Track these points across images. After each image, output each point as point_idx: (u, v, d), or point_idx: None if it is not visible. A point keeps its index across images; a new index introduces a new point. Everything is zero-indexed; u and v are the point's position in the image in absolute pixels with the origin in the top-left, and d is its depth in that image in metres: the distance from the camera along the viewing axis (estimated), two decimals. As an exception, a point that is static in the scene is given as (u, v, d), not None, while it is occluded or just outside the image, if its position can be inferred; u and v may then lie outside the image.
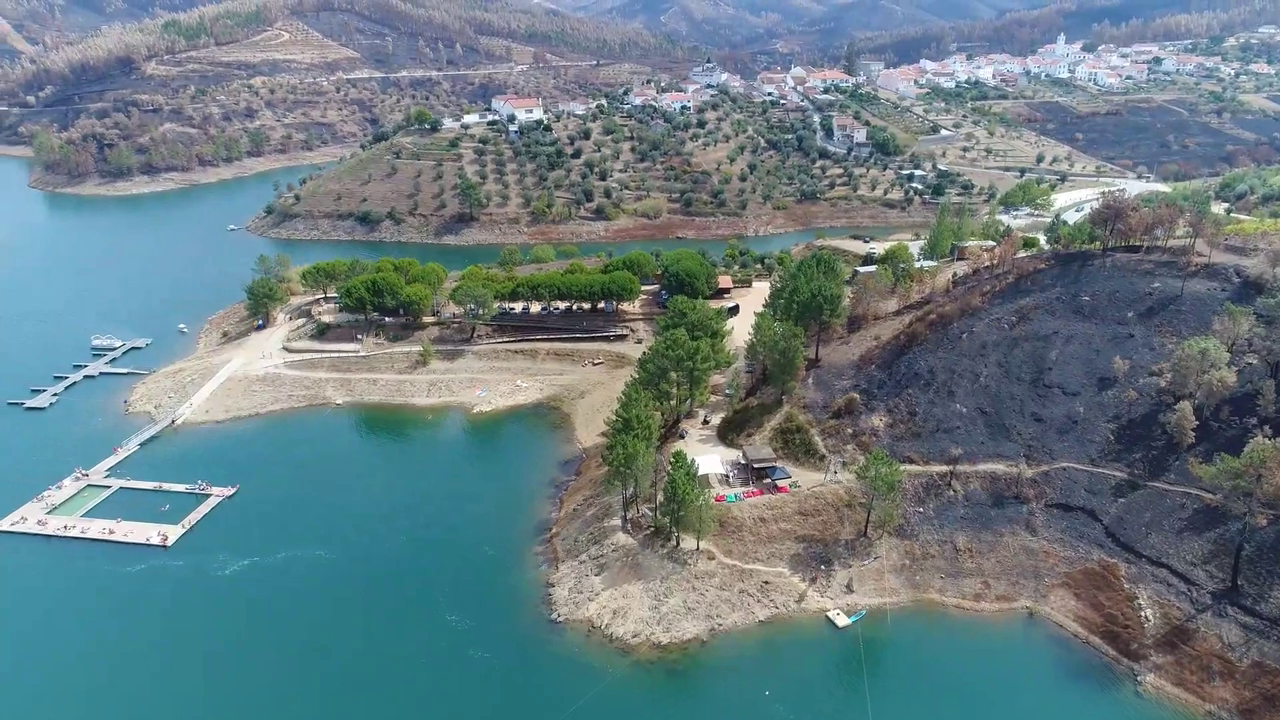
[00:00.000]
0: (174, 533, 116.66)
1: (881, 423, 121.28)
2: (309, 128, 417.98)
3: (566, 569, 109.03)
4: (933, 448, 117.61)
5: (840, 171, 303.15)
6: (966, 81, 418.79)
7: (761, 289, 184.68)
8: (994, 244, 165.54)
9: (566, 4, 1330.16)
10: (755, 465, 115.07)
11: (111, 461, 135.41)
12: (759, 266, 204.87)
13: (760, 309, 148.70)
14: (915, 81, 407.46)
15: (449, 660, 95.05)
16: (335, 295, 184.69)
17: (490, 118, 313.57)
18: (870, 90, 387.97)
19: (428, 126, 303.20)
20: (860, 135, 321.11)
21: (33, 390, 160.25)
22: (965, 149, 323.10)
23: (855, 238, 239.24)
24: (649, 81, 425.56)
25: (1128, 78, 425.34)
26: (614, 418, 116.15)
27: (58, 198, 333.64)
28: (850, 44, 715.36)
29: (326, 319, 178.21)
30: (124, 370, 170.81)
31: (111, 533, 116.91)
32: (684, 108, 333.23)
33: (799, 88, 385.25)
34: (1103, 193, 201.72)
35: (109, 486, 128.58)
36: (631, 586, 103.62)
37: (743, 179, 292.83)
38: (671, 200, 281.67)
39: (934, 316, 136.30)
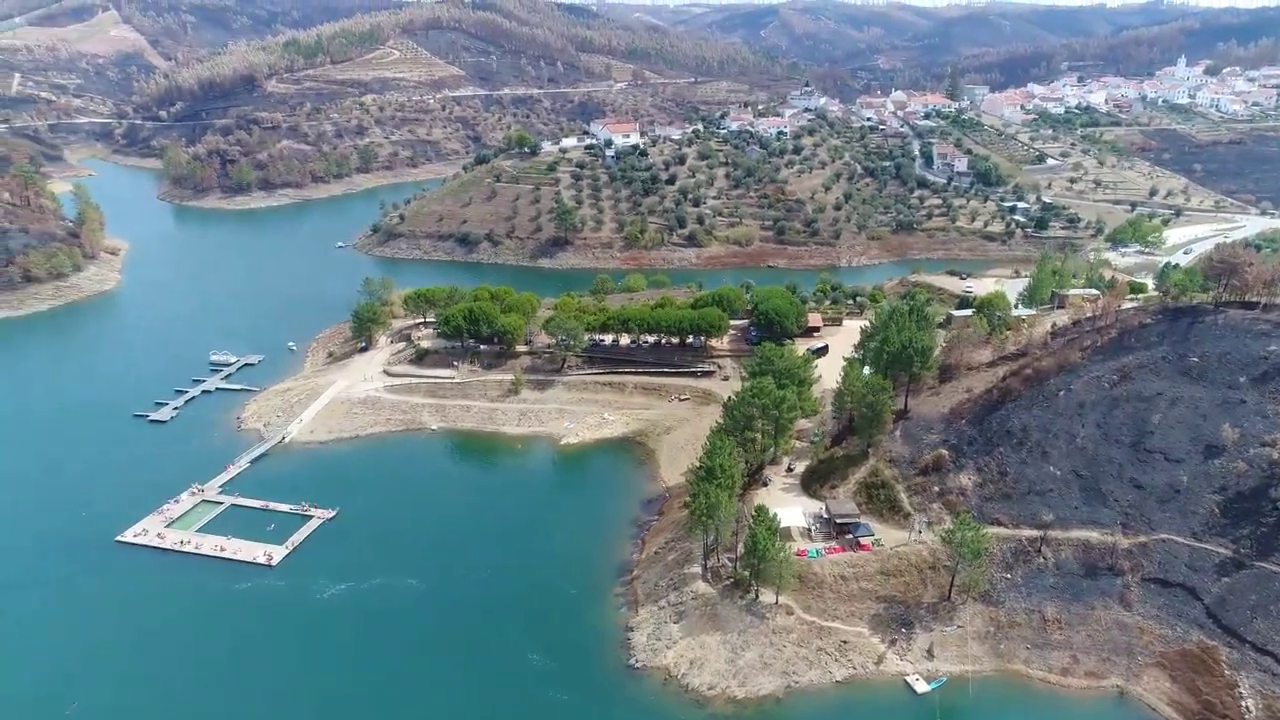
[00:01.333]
0: (278, 553, 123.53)
1: (970, 481, 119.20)
2: (415, 145, 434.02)
3: (646, 613, 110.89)
4: (1023, 511, 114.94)
5: (939, 202, 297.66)
6: (1076, 107, 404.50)
7: (852, 328, 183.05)
8: (1097, 294, 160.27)
9: (667, 17, 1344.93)
10: (838, 520, 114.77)
11: (224, 478, 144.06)
12: (850, 303, 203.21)
13: (849, 354, 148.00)
14: (1021, 107, 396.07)
15: (530, 701, 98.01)
16: (434, 320, 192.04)
17: (588, 142, 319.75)
18: (973, 116, 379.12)
19: (527, 150, 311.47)
20: (961, 164, 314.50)
21: (156, 403, 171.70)
22: (1072, 180, 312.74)
23: (951, 273, 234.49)
24: (746, 104, 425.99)
25: (1254, 104, 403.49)
26: (698, 463, 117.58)
27: (183, 210, 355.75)
28: (954, 64, 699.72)
29: (425, 344, 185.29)
30: (238, 386, 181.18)
31: (222, 550, 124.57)
32: (780, 133, 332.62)
33: (899, 113, 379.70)
34: (1217, 245, 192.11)
35: (221, 503, 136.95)
36: (709, 637, 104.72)
37: (837, 208, 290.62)
38: (764, 228, 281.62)
39: (1030, 371, 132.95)
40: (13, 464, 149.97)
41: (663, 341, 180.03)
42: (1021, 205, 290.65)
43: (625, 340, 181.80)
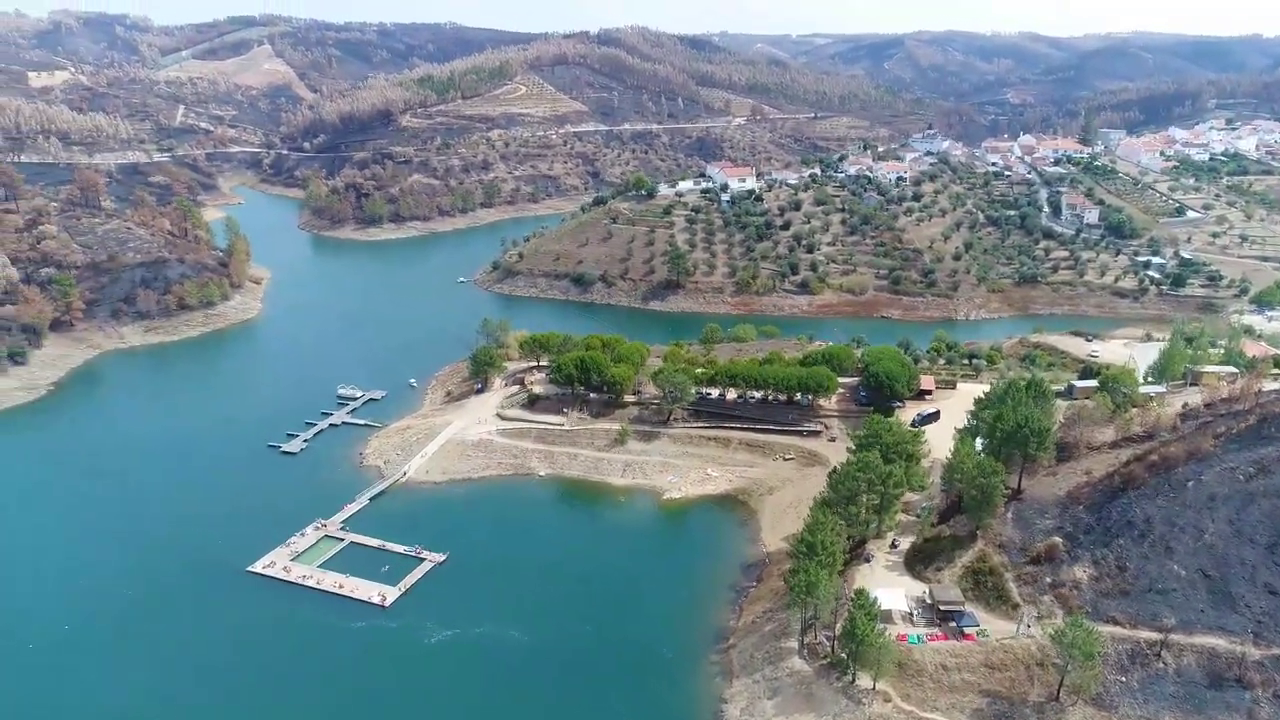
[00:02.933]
0: (391, 594, 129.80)
1: (1085, 574, 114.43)
2: (536, 180, 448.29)
3: (740, 686, 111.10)
4: (1142, 610, 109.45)
5: (1066, 254, 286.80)
6: (1223, 154, 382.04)
7: (966, 393, 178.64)
8: (1235, 372, 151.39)
9: (789, 47, 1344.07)
10: (942, 607, 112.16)
11: (345, 514, 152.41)
12: (965, 364, 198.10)
13: (961, 423, 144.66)
14: (1161, 153, 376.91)
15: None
16: (547, 365, 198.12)
17: (704, 185, 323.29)
18: (1107, 163, 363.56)
19: (644, 193, 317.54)
20: (1092, 215, 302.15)
21: (288, 434, 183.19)
22: (1215, 234, 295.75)
23: (1076, 334, 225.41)
24: (866, 145, 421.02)
25: None
26: (798, 535, 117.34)
27: (320, 240, 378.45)
28: (1090, 100, 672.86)
29: (537, 389, 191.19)
30: (361, 422, 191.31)
31: (341, 587, 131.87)
32: (899, 179, 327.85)
33: (1026, 158, 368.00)
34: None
35: (342, 539, 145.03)
36: (803, 717, 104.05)
37: (957, 258, 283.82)
38: (879, 277, 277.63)
39: (1156, 457, 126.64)
40: (159, 487, 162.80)
41: (770, 398, 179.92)
42: (1157, 260, 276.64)
43: (732, 394, 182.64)
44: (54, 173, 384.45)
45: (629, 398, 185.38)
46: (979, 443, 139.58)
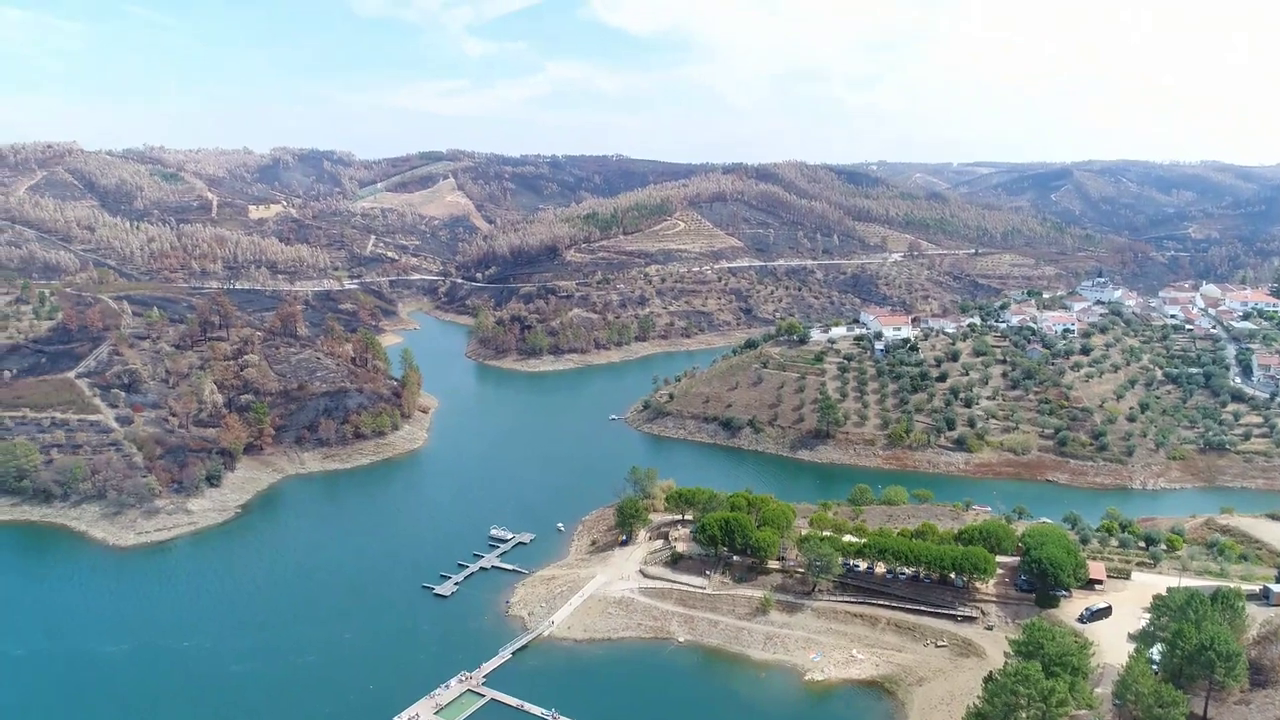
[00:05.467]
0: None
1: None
2: (690, 315, 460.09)
3: None
4: None
5: (1259, 420, 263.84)
6: None
7: (1142, 584, 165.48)
8: None
9: (950, 177, 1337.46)
10: None
11: (489, 667, 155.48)
12: (1141, 548, 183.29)
13: (1135, 632, 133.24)
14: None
15: None
16: (692, 519, 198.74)
17: (857, 332, 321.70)
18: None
19: (796, 338, 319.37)
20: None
21: (441, 575, 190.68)
22: None
23: (1275, 517, 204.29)
24: (1029, 293, 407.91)
25: None
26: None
27: (484, 369, 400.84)
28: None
29: (680, 547, 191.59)
30: (510, 566, 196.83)
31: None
32: (1066, 330, 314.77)
33: (1210, 310, 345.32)
34: None
35: (484, 695, 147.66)
36: None
37: (1131, 419, 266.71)
38: (1043, 436, 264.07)
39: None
40: (320, 622, 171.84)
41: (921, 575, 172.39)
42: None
43: (881, 568, 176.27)
44: (260, 299, 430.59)
45: (773, 563, 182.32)
46: (1156, 651, 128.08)
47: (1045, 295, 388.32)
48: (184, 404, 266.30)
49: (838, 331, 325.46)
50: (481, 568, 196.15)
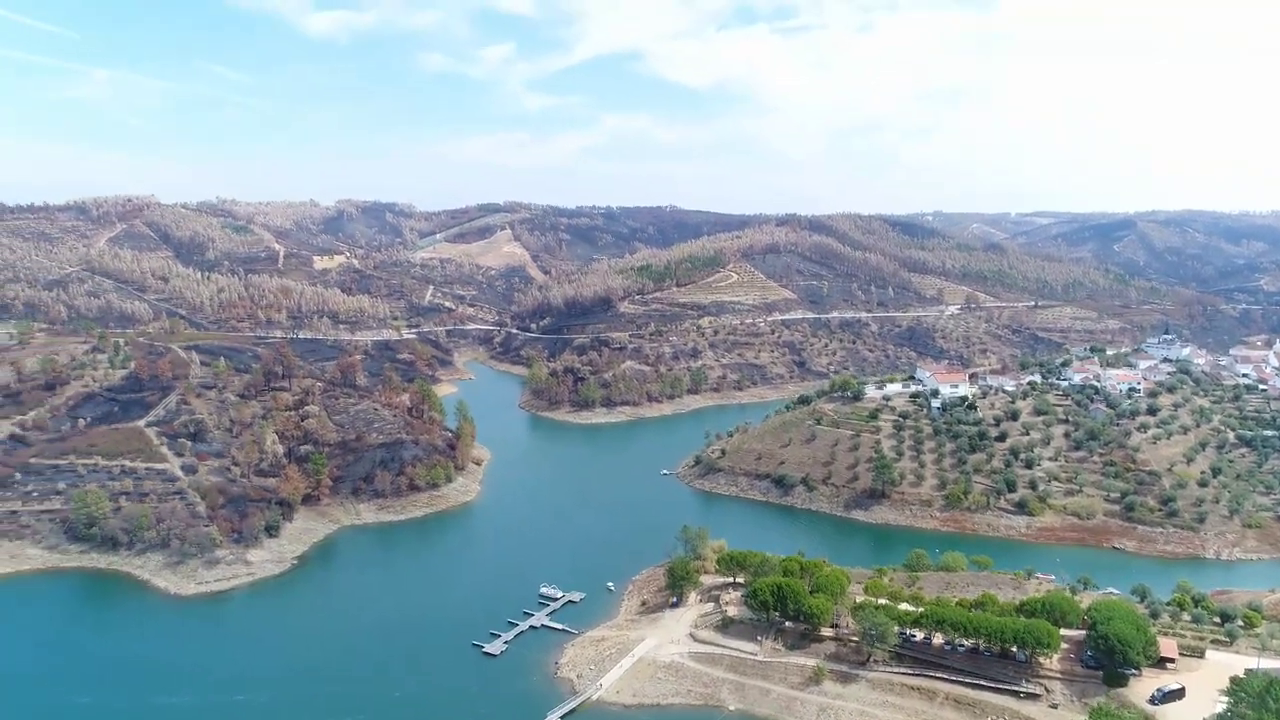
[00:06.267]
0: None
1: None
2: (742, 368, 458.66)
3: None
4: None
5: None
6: None
7: (1218, 664, 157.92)
8: None
9: (1008, 227, 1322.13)
10: None
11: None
12: (1216, 625, 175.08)
13: (1209, 711, 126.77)
14: None
15: None
16: (743, 583, 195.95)
17: (913, 388, 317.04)
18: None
19: (850, 394, 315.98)
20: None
21: (490, 633, 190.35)
22: None
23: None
24: (1092, 347, 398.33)
25: None
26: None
27: (537, 420, 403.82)
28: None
29: (731, 611, 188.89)
30: (559, 626, 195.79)
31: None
32: (1132, 389, 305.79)
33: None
34: None
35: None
36: None
37: (1202, 484, 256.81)
38: (1108, 500, 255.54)
39: None
40: (371, 679, 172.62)
41: (982, 648, 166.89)
42: None
43: (939, 639, 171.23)
44: (322, 349, 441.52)
45: (827, 631, 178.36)
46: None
47: (1109, 352, 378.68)
48: (246, 453, 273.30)
49: (893, 388, 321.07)
50: (531, 626, 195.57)
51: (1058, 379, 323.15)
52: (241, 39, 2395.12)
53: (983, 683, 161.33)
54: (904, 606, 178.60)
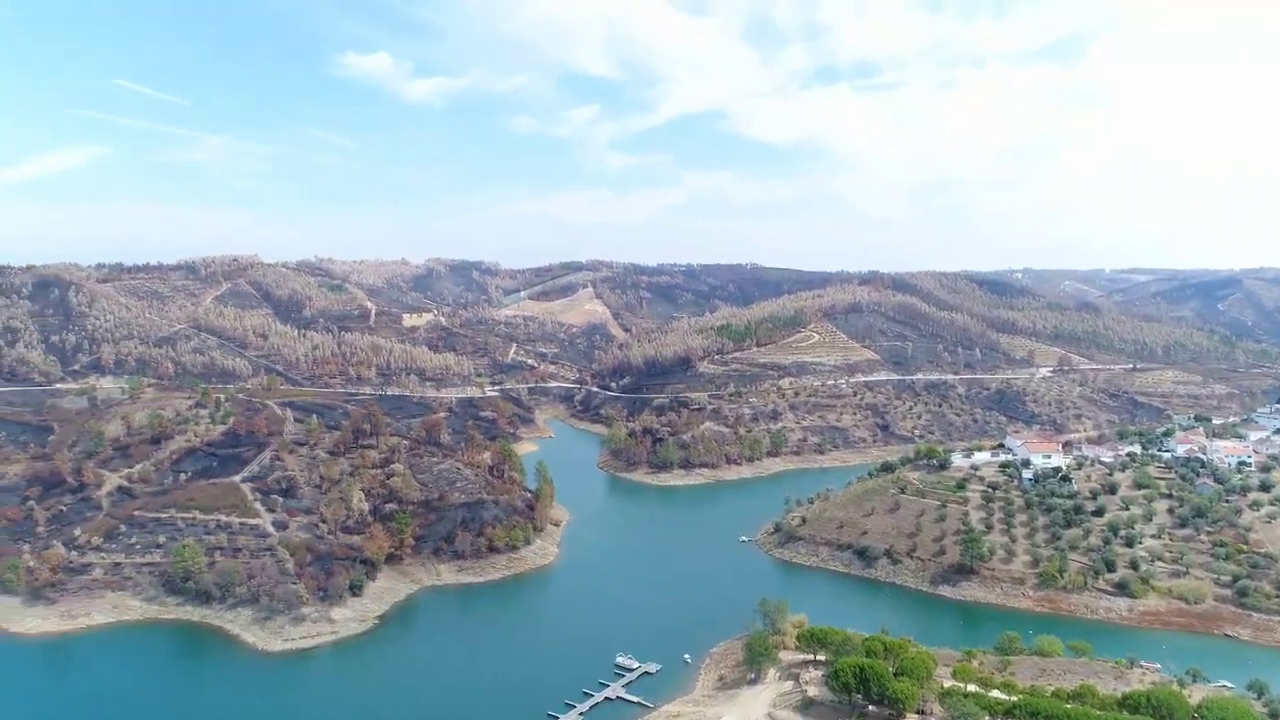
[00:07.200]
0: None
1: None
2: (823, 431, 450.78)
3: None
4: None
5: None
6: None
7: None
8: None
9: (1103, 284, 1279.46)
10: None
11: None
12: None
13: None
14: None
15: None
16: (824, 660, 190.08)
17: (1003, 458, 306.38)
18: None
19: (936, 463, 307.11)
20: None
21: (565, 704, 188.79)
22: None
23: None
24: (1197, 419, 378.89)
25: None
26: None
27: (615, 480, 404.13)
28: None
29: (812, 691, 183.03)
30: (635, 699, 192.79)
31: None
32: (1242, 463, 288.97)
33: None
34: None
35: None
36: None
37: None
38: (1219, 584, 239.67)
39: None
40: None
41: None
42: None
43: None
44: (408, 406, 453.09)
45: (912, 716, 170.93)
46: None
47: (1215, 421, 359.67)
48: (334, 511, 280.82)
49: (981, 457, 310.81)
50: (606, 698, 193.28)
51: (1159, 450, 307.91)
52: (345, 106, 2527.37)
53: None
54: (995, 694, 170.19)
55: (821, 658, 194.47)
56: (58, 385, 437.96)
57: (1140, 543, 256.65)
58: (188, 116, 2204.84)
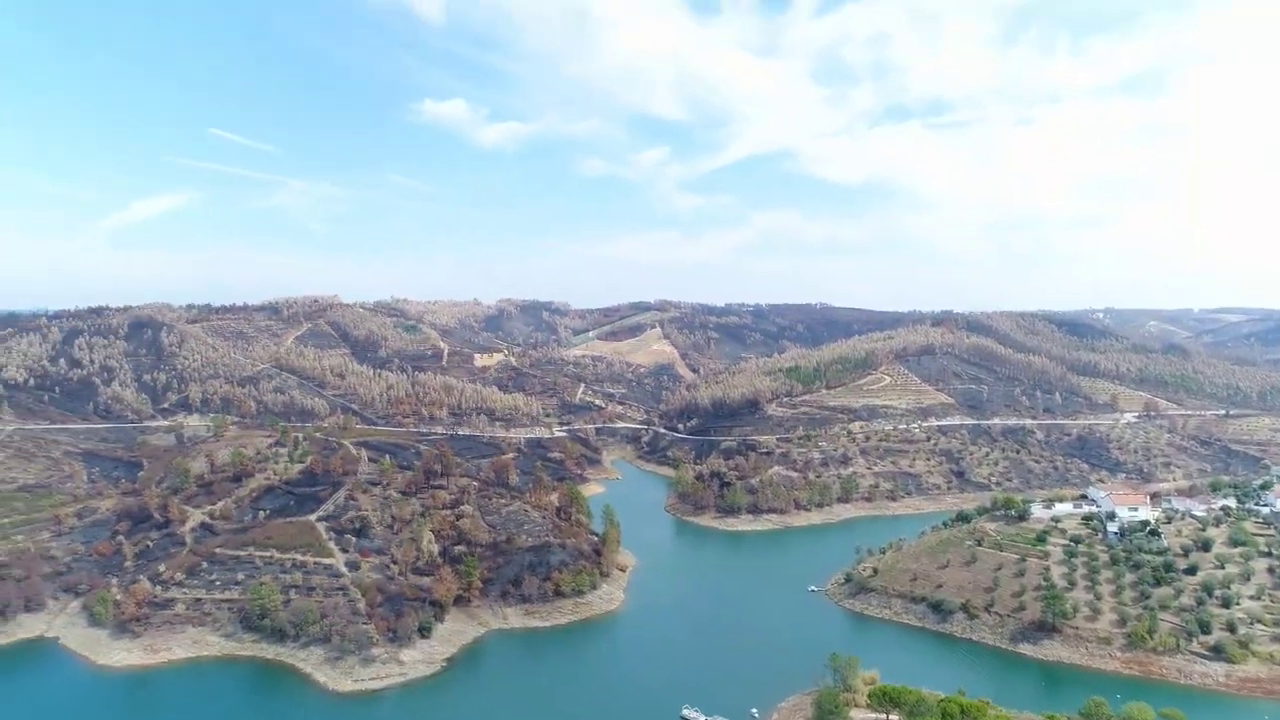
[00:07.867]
0: None
1: None
2: (896, 477, 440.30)
3: None
4: None
5: None
6: None
7: None
8: None
9: (1190, 324, 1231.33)
10: None
11: None
12: None
13: None
14: None
15: None
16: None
17: (1086, 510, 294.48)
18: None
19: (1014, 514, 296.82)
20: None
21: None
22: None
23: None
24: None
25: None
26: None
27: (682, 524, 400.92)
28: None
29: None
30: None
31: None
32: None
33: None
34: None
35: None
36: None
37: None
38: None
39: None
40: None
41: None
42: None
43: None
44: (478, 446, 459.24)
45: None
46: None
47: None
48: (404, 552, 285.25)
49: (1062, 508, 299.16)
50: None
51: (1256, 503, 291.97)
52: (421, 150, 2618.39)
53: None
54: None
55: (895, 718, 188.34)
56: (148, 423, 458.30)
57: (1238, 603, 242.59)
58: (274, 162, 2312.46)
